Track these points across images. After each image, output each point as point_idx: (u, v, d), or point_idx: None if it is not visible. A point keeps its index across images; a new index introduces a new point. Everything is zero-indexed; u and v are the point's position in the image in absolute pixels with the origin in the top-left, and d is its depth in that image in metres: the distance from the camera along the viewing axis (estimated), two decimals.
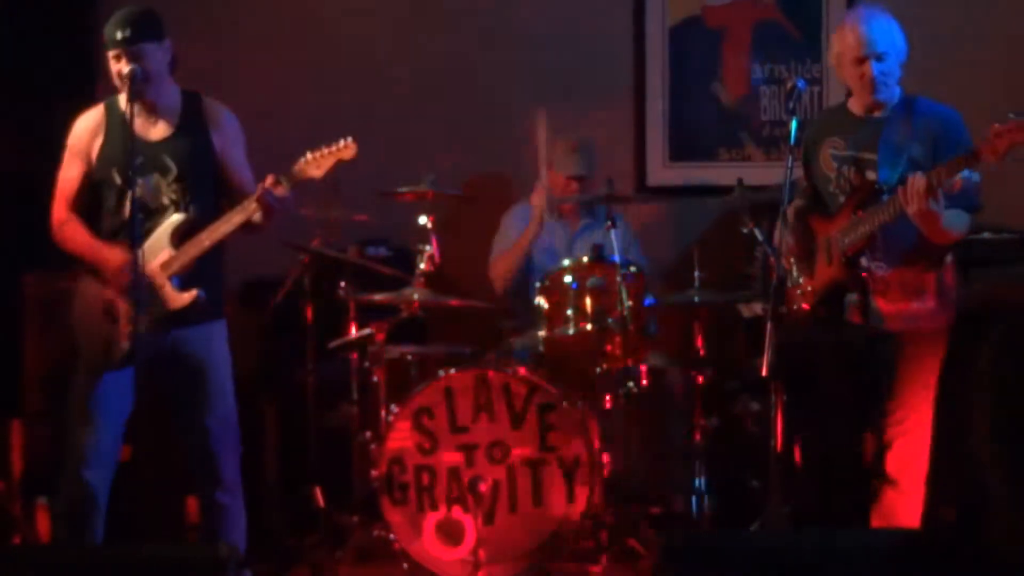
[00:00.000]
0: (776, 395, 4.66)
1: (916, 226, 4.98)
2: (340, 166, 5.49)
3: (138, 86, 5.04)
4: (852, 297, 5.13)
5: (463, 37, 7.44)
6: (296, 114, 7.36)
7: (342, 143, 5.31)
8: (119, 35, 5.07)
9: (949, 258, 5.28)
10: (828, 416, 5.25)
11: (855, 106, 5.32)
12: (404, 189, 6.39)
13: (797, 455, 5.40)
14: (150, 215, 5.16)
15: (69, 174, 5.25)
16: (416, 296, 6.07)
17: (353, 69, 7.44)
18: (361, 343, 6.36)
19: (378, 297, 6.20)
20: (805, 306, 5.34)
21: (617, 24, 7.38)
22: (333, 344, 6.40)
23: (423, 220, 6.15)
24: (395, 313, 6.27)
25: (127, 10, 5.15)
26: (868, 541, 4.01)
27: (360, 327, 6.36)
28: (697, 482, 6.28)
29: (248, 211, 5.14)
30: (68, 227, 5.22)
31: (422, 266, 6.11)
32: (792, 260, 5.42)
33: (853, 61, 5.17)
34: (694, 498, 6.28)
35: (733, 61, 7.34)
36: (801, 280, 5.39)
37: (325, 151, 5.28)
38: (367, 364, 6.32)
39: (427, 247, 6.11)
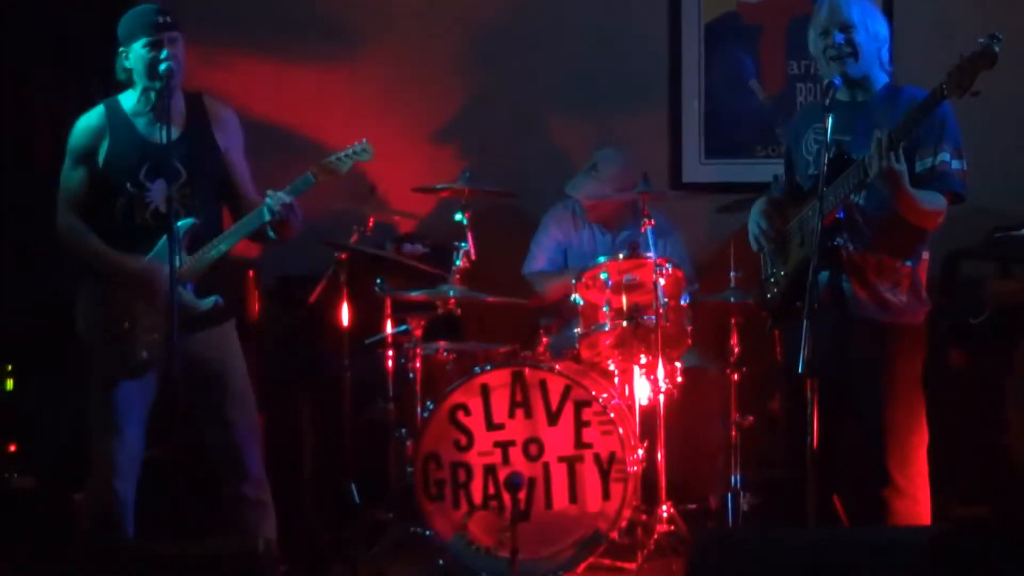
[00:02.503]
0: (812, 392, 4.62)
1: (893, 209, 4.89)
2: (380, 164, 5.50)
3: (174, 81, 5.04)
4: (824, 276, 4.92)
5: (498, 35, 7.44)
6: (331, 113, 7.39)
7: (359, 146, 5.32)
8: (161, 19, 5.03)
9: (926, 254, 5.13)
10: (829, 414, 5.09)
11: (841, 94, 5.22)
12: (441, 186, 6.41)
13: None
14: (161, 220, 5.06)
15: (74, 178, 5.15)
16: (452, 293, 6.09)
17: (388, 66, 7.46)
18: (397, 340, 6.37)
19: (415, 294, 6.21)
20: (779, 291, 5.29)
21: (653, 21, 7.37)
22: (369, 341, 6.42)
23: (459, 217, 6.17)
24: (431, 310, 6.29)
25: (147, 4, 5.13)
26: (902, 537, 4.00)
27: (396, 324, 6.38)
28: (733, 479, 6.28)
29: (263, 218, 5.10)
30: (78, 234, 5.14)
31: (458, 263, 6.12)
32: (765, 251, 5.37)
33: (820, 33, 5.08)
34: (729, 495, 6.27)
35: (769, 57, 7.33)
36: (773, 267, 5.34)
37: (342, 154, 5.27)
38: (403, 361, 6.34)
39: (463, 244, 6.13)
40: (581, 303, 6.21)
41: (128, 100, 5.18)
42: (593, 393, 5.86)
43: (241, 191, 5.32)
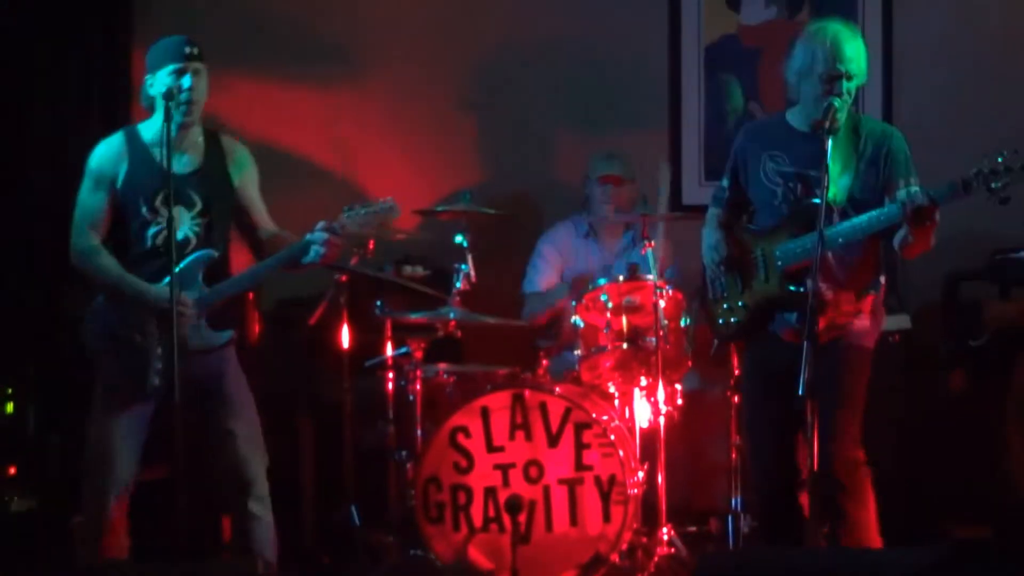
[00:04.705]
0: (812, 414, 4.63)
1: (861, 251, 5.11)
2: (381, 186, 5.48)
3: (191, 115, 5.16)
4: (790, 317, 5.12)
5: (499, 57, 7.45)
6: (333, 136, 7.41)
7: (386, 203, 5.25)
8: (188, 49, 5.14)
9: (883, 279, 5.30)
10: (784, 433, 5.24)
11: (798, 121, 5.26)
12: (441, 208, 6.42)
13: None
14: (177, 248, 5.13)
15: (95, 201, 5.22)
16: (453, 315, 6.09)
17: (391, 90, 7.47)
18: (398, 362, 6.37)
19: (415, 316, 6.21)
20: (733, 322, 5.36)
21: (653, 43, 7.38)
22: (370, 363, 6.42)
23: (460, 239, 6.17)
24: (432, 332, 6.29)
25: (176, 36, 5.23)
26: (903, 558, 3.99)
27: (397, 346, 6.38)
28: (733, 502, 6.27)
29: (291, 259, 5.18)
30: (97, 256, 5.20)
31: (458, 285, 6.12)
32: (720, 271, 5.42)
33: (822, 76, 5.10)
34: (730, 517, 6.26)
35: (769, 79, 7.32)
36: (727, 294, 5.39)
37: (367, 212, 5.21)
38: (403, 383, 6.33)
39: (464, 266, 6.13)
40: (581, 325, 6.21)
41: (148, 130, 5.26)
42: (593, 415, 5.85)
43: (259, 224, 5.40)
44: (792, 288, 5.09)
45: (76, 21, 6.91)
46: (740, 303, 5.33)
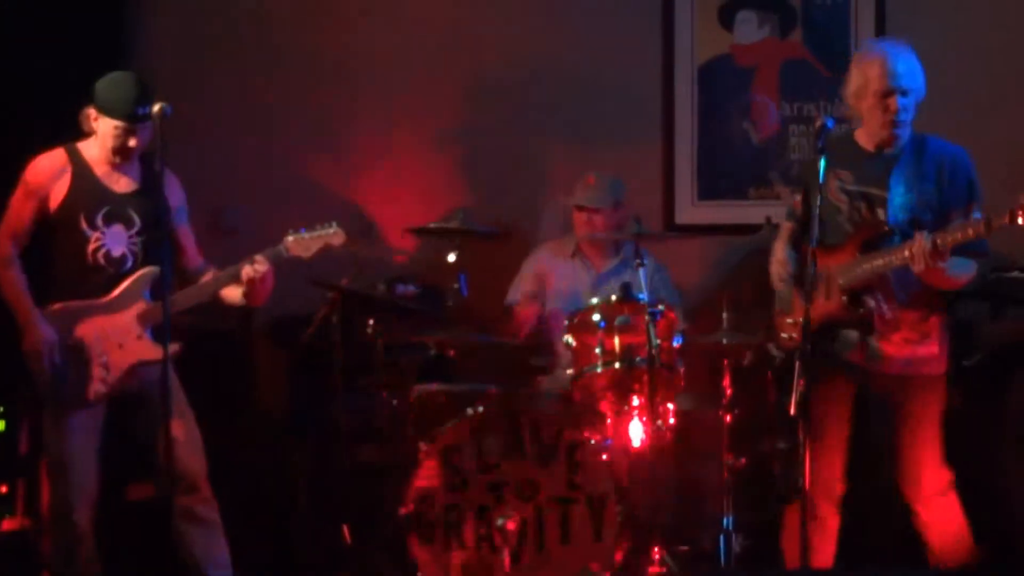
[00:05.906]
0: (803, 434, 4.64)
1: None
2: (371, 206, 5.48)
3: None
4: (851, 335, 5.18)
5: (491, 75, 7.45)
6: (326, 154, 7.41)
7: (331, 230, 5.46)
8: (140, 111, 5.21)
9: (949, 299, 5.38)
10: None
11: (864, 139, 5.30)
12: (434, 226, 6.42)
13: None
14: (111, 263, 5.33)
15: (23, 211, 5.33)
16: (445, 333, 6.08)
17: (384, 108, 7.47)
18: (390, 380, 6.36)
19: (407, 335, 6.21)
20: (796, 337, 5.36)
21: (646, 63, 7.39)
22: (362, 381, 6.41)
23: (452, 257, 6.17)
24: (424, 350, 6.28)
25: (137, 82, 5.30)
26: None
27: (389, 364, 6.37)
28: (725, 521, 6.26)
29: (235, 278, 5.33)
30: (11, 271, 5.31)
31: (451, 303, 6.12)
32: (783, 286, 5.45)
33: (877, 94, 5.15)
34: (722, 537, 6.25)
35: (762, 99, 7.33)
36: (792, 310, 5.42)
37: (313, 235, 5.43)
38: (396, 401, 6.33)
39: (456, 284, 6.13)
40: (574, 344, 6.20)
41: (88, 150, 5.38)
42: (586, 435, 5.84)
43: (186, 251, 5.57)
44: (852, 305, 5.15)
45: (76, 21, 6.91)
46: (800, 319, 5.34)
